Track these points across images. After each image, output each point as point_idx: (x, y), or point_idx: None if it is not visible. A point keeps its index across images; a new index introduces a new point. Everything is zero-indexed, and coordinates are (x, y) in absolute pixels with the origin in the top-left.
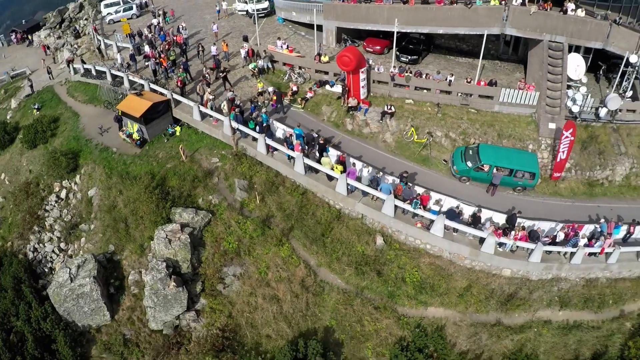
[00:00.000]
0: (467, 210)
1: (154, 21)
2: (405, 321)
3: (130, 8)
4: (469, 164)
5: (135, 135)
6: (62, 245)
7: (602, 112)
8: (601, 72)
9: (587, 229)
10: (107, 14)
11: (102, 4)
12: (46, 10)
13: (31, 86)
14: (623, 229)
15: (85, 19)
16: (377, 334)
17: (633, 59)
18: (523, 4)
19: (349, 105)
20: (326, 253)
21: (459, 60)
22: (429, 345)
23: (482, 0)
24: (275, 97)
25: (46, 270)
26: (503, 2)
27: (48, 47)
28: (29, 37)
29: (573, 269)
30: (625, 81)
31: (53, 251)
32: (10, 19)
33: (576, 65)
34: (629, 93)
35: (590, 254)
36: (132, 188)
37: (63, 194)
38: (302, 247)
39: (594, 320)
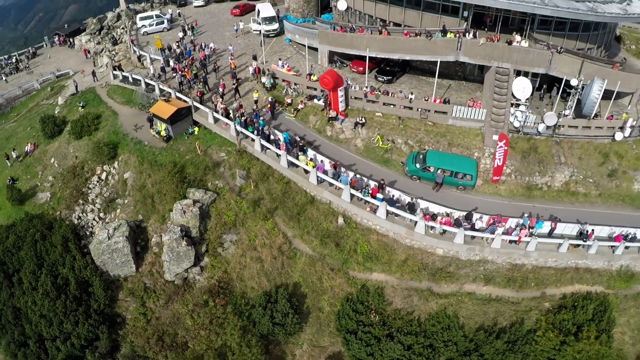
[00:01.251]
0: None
1: (180, 34)
2: (354, 281)
3: (162, 22)
4: (418, 165)
5: (163, 133)
6: (101, 214)
7: (541, 127)
8: (542, 92)
9: (512, 221)
10: (142, 26)
11: (138, 16)
12: (84, 14)
13: (76, 86)
14: (546, 225)
15: (122, 28)
16: (332, 289)
17: (574, 82)
18: (474, 36)
19: (330, 116)
20: (300, 228)
21: (428, 80)
22: (370, 301)
23: (440, 34)
24: (269, 105)
25: (87, 233)
26: (457, 35)
27: (88, 51)
28: (71, 40)
29: (494, 252)
30: (570, 101)
31: (94, 219)
32: (43, 11)
33: (523, 87)
34: (569, 111)
35: (511, 242)
36: (158, 173)
37: (103, 176)
38: (283, 222)
39: (515, 297)
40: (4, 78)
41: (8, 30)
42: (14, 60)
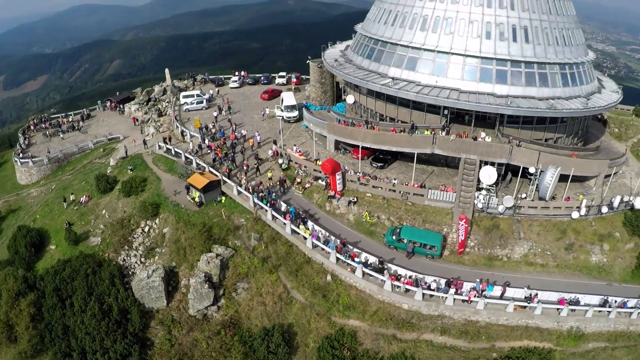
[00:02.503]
0: (394, 267)
1: (215, 113)
2: (334, 325)
3: (202, 102)
4: (394, 237)
5: (197, 199)
6: (142, 259)
7: (500, 208)
8: (502, 179)
9: (468, 285)
10: (185, 103)
11: (182, 94)
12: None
13: (126, 151)
14: (497, 289)
15: (167, 102)
16: (317, 330)
17: (531, 170)
18: (447, 133)
19: (329, 194)
20: (297, 281)
21: (409, 166)
22: (345, 341)
23: (419, 131)
24: (278, 183)
25: (130, 272)
26: (433, 131)
27: (136, 119)
28: (121, 106)
29: (449, 309)
30: (531, 184)
31: (136, 262)
32: (89, 62)
33: (488, 175)
34: (529, 194)
35: (463, 301)
36: (191, 230)
37: (146, 229)
38: (284, 276)
39: (466, 347)
40: (61, 135)
41: (54, 78)
42: (70, 119)
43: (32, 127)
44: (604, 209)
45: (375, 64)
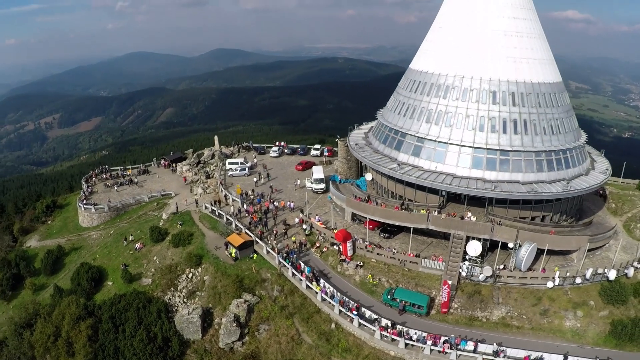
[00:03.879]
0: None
1: (255, 179)
2: None
3: (244, 169)
4: (389, 297)
5: (233, 255)
6: (185, 299)
7: (481, 276)
8: (488, 251)
9: (443, 338)
10: (229, 169)
11: (227, 161)
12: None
13: (177, 207)
14: (470, 344)
15: (215, 166)
16: None
17: (510, 245)
18: (439, 212)
19: (341, 258)
20: (307, 327)
21: (416, 237)
22: None
23: (416, 210)
24: (301, 246)
25: (174, 310)
26: (427, 210)
27: (186, 179)
28: (174, 165)
29: (427, 357)
30: (512, 257)
31: (179, 301)
32: (142, 108)
33: (474, 248)
34: (509, 264)
35: (439, 352)
36: (226, 280)
37: (190, 276)
38: (297, 322)
39: None
40: (115, 188)
41: (108, 120)
42: (128, 173)
43: (93, 177)
44: (578, 280)
45: (389, 149)
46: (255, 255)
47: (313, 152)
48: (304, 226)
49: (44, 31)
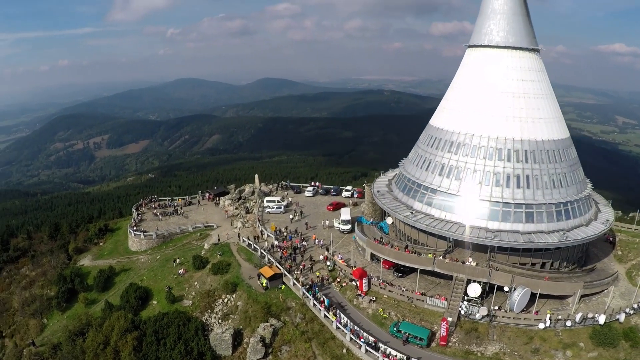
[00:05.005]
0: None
1: (290, 216)
2: None
3: (280, 207)
4: (395, 329)
5: (264, 285)
6: (219, 320)
7: (477, 315)
8: (488, 292)
9: None
10: (267, 206)
11: (266, 199)
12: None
13: (218, 238)
14: None
15: (254, 202)
16: None
17: (506, 288)
18: (444, 257)
19: (357, 293)
20: (323, 350)
21: (426, 278)
22: None
23: (424, 254)
24: (323, 280)
25: (209, 329)
26: (433, 255)
27: (227, 212)
28: (217, 199)
29: None
30: (508, 299)
31: (214, 322)
32: (189, 134)
33: (474, 289)
34: (504, 306)
35: None
36: (256, 306)
37: (225, 301)
38: (314, 346)
39: None
40: (160, 217)
41: (155, 144)
42: (175, 204)
43: (143, 206)
44: (568, 323)
45: (406, 197)
46: (283, 286)
47: (344, 193)
48: (328, 263)
49: (96, 54)
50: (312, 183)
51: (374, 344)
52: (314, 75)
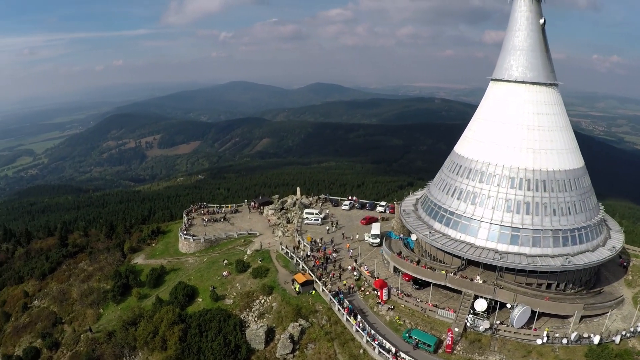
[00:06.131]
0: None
1: (327, 228)
2: None
3: (318, 220)
4: (407, 335)
5: (297, 289)
6: (255, 319)
7: (481, 328)
8: (495, 307)
9: None
10: (306, 218)
11: (305, 210)
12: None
13: (260, 245)
14: None
15: (295, 213)
16: None
17: (508, 305)
18: (455, 274)
19: (378, 301)
20: (342, 350)
21: (441, 291)
22: None
23: (438, 270)
24: (349, 288)
25: (246, 325)
26: (446, 272)
27: (270, 221)
28: (261, 208)
29: None
30: (510, 314)
31: (251, 320)
32: (240, 136)
33: (480, 305)
34: (508, 321)
35: None
36: (288, 307)
37: (262, 301)
38: (336, 345)
39: None
40: (207, 224)
41: (205, 145)
42: (222, 211)
43: (193, 212)
44: (564, 340)
45: (428, 217)
46: (313, 291)
47: (378, 209)
48: (355, 273)
49: (150, 55)
50: (350, 197)
51: (389, 349)
52: (365, 81)
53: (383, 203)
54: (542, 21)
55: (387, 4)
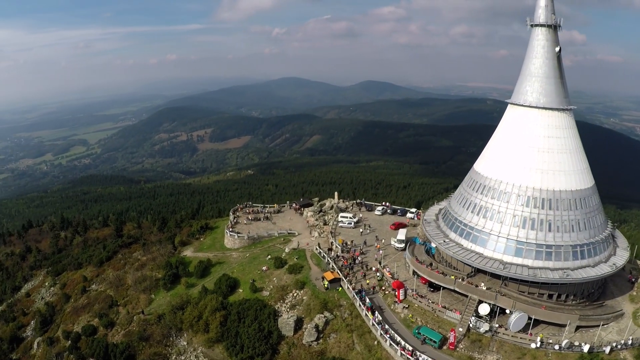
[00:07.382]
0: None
1: (361, 230)
2: None
3: (351, 223)
4: (416, 331)
5: (326, 286)
6: (287, 309)
7: (481, 329)
8: (498, 311)
9: None
10: (340, 221)
11: (340, 214)
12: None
13: (298, 244)
14: None
15: (331, 216)
16: None
17: (507, 311)
18: (463, 280)
19: (395, 300)
20: (360, 340)
21: (453, 294)
22: None
23: (448, 275)
24: (371, 286)
25: (279, 315)
26: (455, 277)
27: (308, 222)
28: (301, 209)
29: None
30: (508, 319)
31: (284, 310)
32: (290, 133)
33: (484, 309)
34: (506, 324)
35: None
36: (317, 301)
37: (295, 294)
38: (355, 336)
39: None
40: (245, 223)
41: (256, 140)
42: (266, 211)
43: (239, 210)
44: (556, 347)
45: (446, 227)
46: (340, 288)
47: (408, 215)
48: (378, 274)
49: (203, 50)
50: (383, 203)
51: (399, 342)
52: (417, 80)
53: (413, 210)
54: (557, 49)
55: (440, 3)
